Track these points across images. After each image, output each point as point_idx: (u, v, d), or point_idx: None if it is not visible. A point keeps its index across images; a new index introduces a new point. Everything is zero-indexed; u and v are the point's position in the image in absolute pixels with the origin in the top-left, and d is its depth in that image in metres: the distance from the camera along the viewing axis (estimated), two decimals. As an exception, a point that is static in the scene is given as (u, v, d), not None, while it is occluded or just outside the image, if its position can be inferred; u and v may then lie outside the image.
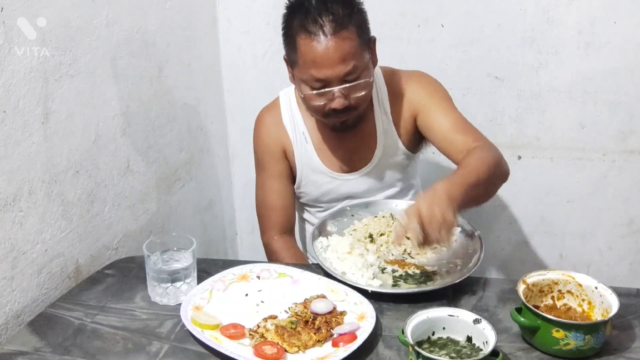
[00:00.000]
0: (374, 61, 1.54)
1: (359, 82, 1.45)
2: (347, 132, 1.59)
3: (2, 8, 1.22)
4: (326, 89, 1.45)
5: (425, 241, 1.22)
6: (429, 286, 1.32)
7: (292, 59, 1.50)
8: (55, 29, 1.36)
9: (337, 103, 1.46)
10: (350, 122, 1.55)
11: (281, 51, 2.11)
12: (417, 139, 1.68)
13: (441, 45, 1.99)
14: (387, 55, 1.64)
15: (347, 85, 1.44)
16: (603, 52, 1.90)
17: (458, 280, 1.32)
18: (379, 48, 1.55)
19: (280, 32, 2.09)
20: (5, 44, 1.23)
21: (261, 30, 2.12)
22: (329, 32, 1.40)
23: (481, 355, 1.06)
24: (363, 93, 1.47)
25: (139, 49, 1.68)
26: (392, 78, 1.63)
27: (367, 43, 1.49)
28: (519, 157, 2.07)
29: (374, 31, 1.52)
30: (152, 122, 1.77)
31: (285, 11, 1.50)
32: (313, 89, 1.46)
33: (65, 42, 1.39)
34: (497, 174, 1.41)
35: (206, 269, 1.42)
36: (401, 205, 1.56)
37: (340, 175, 1.67)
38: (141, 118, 1.71)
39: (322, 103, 1.47)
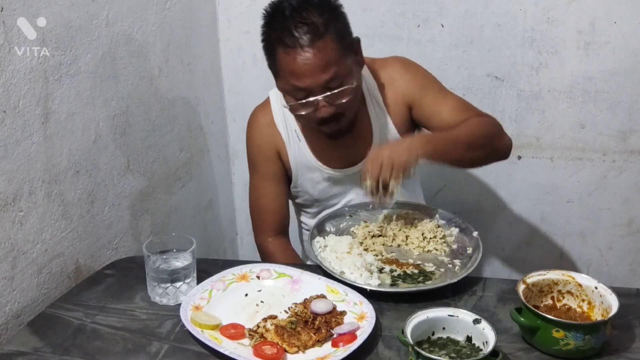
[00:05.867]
0: (360, 62, 1.50)
1: (342, 88, 1.42)
2: (344, 137, 1.55)
3: (2, 8, 1.22)
4: (310, 99, 1.42)
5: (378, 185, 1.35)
6: (427, 286, 1.32)
7: (273, 70, 1.48)
8: (55, 29, 1.36)
9: (324, 112, 1.43)
10: (344, 129, 1.52)
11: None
12: (411, 127, 1.64)
13: (441, 45, 1.99)
14: (387, 55, 1.64)
15: (330, 93, 1.41)
16: (603, 52, 1.90)
17: (456, 280, 1.33)
18: (379, 48, 1.54)
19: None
20: (5, 44, 1.23)
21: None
22: (306, 44, 1.38)
23: (481, 355, 1.06)
24: (348, 99, 1.44)
25: (139, 48, 1.68)
26: (375, 67, 1.59)
27: (350, 47, 1.46)
28: (519, 157, 2.07)
29: (374, 31, 1.50)
30: (152, 122, 1.77)
31: (262, 21, 1.46)
32: (297, 99, 1.44)
33: (65, 42, 1.39)
34: (488, 143, 1.48)
35: (206, 269, 1.42)
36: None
37: (336, 171, 1.63)
38: (141, 118, 1.71)
39: (308, 113, 1.45)
